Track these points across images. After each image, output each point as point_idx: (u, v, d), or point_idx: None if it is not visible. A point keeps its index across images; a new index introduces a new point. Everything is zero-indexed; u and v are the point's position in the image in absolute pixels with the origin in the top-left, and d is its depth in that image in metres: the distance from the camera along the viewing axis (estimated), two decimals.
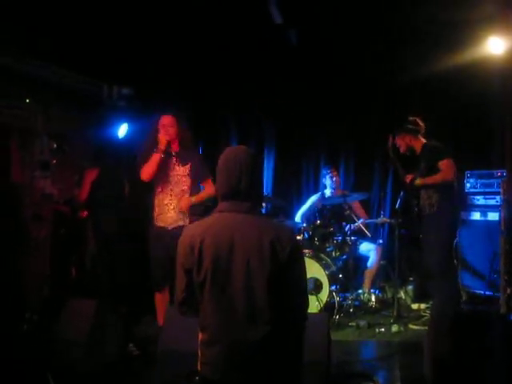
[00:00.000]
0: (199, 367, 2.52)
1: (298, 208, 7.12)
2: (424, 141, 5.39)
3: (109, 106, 6.76)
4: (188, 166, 5.01)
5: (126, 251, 6.14)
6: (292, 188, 7.79)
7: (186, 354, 4.06)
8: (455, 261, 5.79)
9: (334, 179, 6.76)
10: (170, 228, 4.88)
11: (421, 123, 5.42)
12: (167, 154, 4.87)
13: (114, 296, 5.85)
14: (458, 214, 5.42)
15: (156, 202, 4.97)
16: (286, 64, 6.88)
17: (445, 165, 5.13)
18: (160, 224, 4.94)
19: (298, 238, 6.20)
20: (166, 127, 4.91)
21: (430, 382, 3.72)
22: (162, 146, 4.82)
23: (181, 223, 4.85)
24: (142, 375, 4.37)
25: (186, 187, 4.98)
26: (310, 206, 6.84)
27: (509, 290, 4.71)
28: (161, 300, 4.98)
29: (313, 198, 6.92)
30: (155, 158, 4.83)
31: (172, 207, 4.91)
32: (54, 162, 6.42)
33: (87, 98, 6.68)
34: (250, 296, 2.41)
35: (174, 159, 4.95)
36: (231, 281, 2.43)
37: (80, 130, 6.96)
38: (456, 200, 5.41)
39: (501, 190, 5.35)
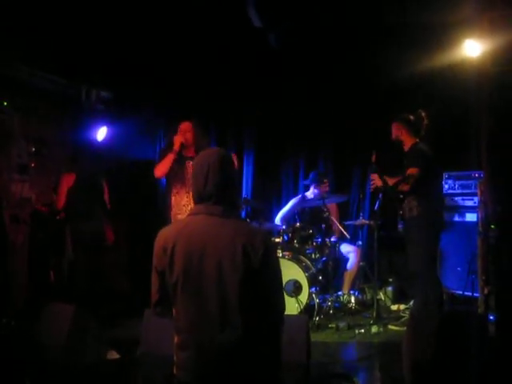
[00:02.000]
0: (175, 370, 2.52)
1: (278, 211, 7.14)
2: (416, 140, 5.34)
3: (87, 109, 6.74)
4: None
5: (107, 256, 6.11)
6: (271, 191, 7.80)
7: (165, 356, 4.07)
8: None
9: (322, 190, 6.74)
10: None
11: (425, 121, 5.36)
12: (180, 155, 5.20)
13: (93, 300, 5.82)
14: (439, 217, 5.43)
15: (173, 202, 5.29)
16: (266, 68, 6.91)
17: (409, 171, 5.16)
18: None
19: (278, 240, 6.22)
20: (183, 132, 5.28)
21: (409, 382, 3.74)
22: (175, 146, 5.18)
23: None
24: (122, 378, 4.33)
25: None
26: (291, 208, 6.86)
27: (486, 290, 4.75)
28: None
29: (293, 201, 6.93)
30: (169, 157, 5.20)
31: (189, 208, 5.07)
32: (33, 165, 6.39)
33: (66, 100, 6.67)
34: (222, 299, 2.40)
35: (191, 163, 5.14)
36: (203, 284, 2.42)
37: (58, 134, 6.91)
38: (436, 203, 5.42)
39: (478, 191, 5.39)
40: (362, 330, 5.41)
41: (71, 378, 4.24)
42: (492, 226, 4.73)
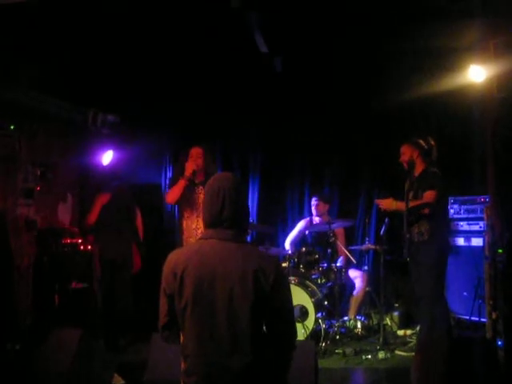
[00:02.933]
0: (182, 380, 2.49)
1: (284, 235, 7.13)
2: (426, 165, 5.38)
3: (94, 133, 6.77)
4: None
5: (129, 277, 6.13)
6: (277, 215, 7.78)
7: (173, 382, 4.04)
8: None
9: (316, 209, 6.81)
10: None
11: (435, 152, 5.41)
12: (191, 182, 5.23)
13: (115, 326, 5.83)
14: (448, 241, 5.44)
15: (184, 226, 5.32)
16: (271, 93, 6.95)
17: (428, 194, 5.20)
18: None
19: (284, 265, 6.19)
20: (194, 157, 5.30)
21: None
22: (187, 173, 5.20)
23: None
24: None
25: None
26: (298, 233, 6.86)
27: (494, 315, 4.71)
28: None
29: (301, 224, 6.93)
30: (180, 183, 5.22)
31: (200, 232, 5.14)
32: (38, 189, 6.41)
33: (72, 124, 6.69)
34: (232, 325, 2.39)
35: (200, 188, 5.25)
36: (213, 310, 2.41)
37: (64, 157, 6.94)
38: (446, 227, 5.45)
39: (484, 216, 5.38)
40: (369, 356, 5.36)
41: None
42: (500, 251, 4.72)
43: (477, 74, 5.90)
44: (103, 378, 4.73)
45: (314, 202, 6.87)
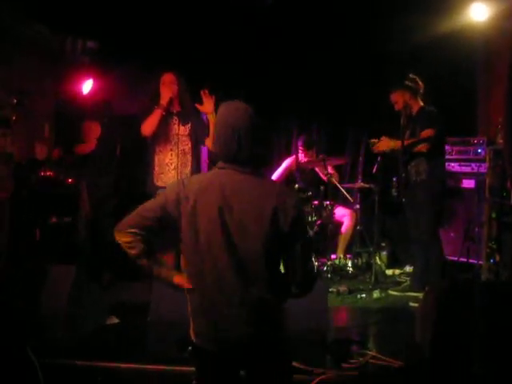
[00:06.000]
0: (193, 337, 2.37)
1: (270, 174, 6.97)
2: (422, 103, 5.29)
3: (72, 60, 6.40)
4: (188, 126, 5.00)
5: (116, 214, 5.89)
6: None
7: (177, 322, 3.93)
8: None
9: (301, 154, 6.64)
10: None
11: (420, 83, 5.29)
12: (168, 111, 4.84)
13: (100, 262, 5.64)
14: (445, 182, 5.40)
15: (156, 161, 4.96)
16: (258, 33, 6.60)
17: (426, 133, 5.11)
18: (160, 184, 4.91)
19: None
20: (168, 84, 4.86)
21: (425, 351, 3.69)
22: (164, 101, 4.79)
23: None
24: (130, 344, 4.16)
25: (186, 147, 4.99)
26: (284, 170, 6.72)
27: (498, 257, 4.75)
28: None
29: (287, 162, 6.78)
30: (157, 113, 4.80)
31: (173, 167, 4.88)
32: (14, 118, 6.03)
33: (49, 50, 6.30)
34: (244, 262, 2.26)
35: (175, 118, 4.94)
36: (224, 245, 2.26)
37: (41, 86, 6.53)
38: (443, 167, 5.40)
39: (486, 158, 5.35)
40: (364, 295, 5.36)
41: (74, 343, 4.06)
42: (505, 194, 4.71)
43: (479, 12, 5.79)
44: (97, 318, 4.58)
45: (300, 147, 6.67)
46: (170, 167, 4.92)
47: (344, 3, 6.31)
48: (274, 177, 6.73)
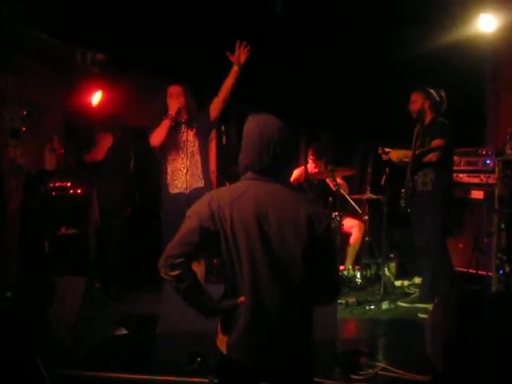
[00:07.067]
0: (224, 349, 2.33)
1: None
2: (435, 115, 5.32)
3: (82, 73, 6.44)
4: (195, 126, 5.13)
5: (125, 226, 5.93)
6: None
7: (185, 333, 3.94)
8: None
9: (310, 164, 6.61)
10: (187, 191, 4.97)
11: (445, 103, 5.35)
12: (176, 121, 4.98)
13: (108, 274, 5.65)
14: (451, 193, 5.40)
15: (169, 169, 5.07)
16: (270, 44, 6.62)
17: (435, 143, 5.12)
18: (175, 191, 5.03)
19: None
20: (176, 96, 5.01)
21: (437, 364, 3.67)
22: (172, 112, 4.93)
23: (198, 185, 5.01)
24: (139, 355, 4.16)
25: (194, 148, 5.10)
26: (293, 180, 6.71)
27: (507, 268, 4.73)
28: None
29: (295, 173, 6.76)
30: (165, 124, 4.95)
31: (185, 171, 4.99)
32: (24, 129, 6.08)
33: (59, 62, 6.34)
34: (284, 271, 2.27)
35: (183, 127, 5.06)
36: (264, 254, 2.26)
37: (51, 97, 6.57)
38: (450, 178, 5.40)
39: (496, 169, 5.34)
40: (372, 307, 5.35)
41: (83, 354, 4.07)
42: None
43: (487, 23, 5.80)
44: (106, 329, 4.58)
45: (310, 157, 6.68)
46: (183, 171, 5.02)
47: (358, 20, 6.34)
48: None
